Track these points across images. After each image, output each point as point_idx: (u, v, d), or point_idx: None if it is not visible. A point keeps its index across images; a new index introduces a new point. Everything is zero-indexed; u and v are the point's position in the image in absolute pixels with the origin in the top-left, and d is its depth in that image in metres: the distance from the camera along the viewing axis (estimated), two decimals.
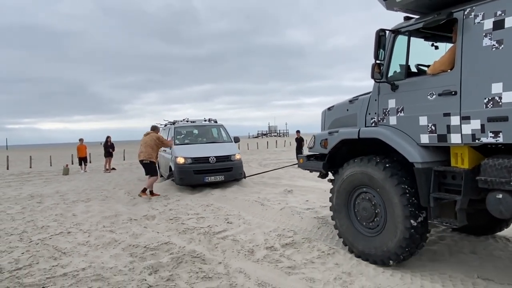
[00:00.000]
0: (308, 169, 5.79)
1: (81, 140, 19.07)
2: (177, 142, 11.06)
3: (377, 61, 4.22)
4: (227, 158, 10.57)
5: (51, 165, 24.40)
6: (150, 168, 9.76)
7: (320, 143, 5.32)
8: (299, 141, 16.83)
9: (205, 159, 10.24)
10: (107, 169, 18.08)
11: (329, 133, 5.15)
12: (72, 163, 23.15)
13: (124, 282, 4.12)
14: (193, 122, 12.34)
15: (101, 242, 5.66)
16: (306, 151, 6.15)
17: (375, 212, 4.39)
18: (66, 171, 17.49)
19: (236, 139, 12.27)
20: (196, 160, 10.17)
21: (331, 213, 6.92)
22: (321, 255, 4.80)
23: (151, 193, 9.67)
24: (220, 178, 10.25)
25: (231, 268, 4.43)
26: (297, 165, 6.05)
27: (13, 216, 7.75)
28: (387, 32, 4.24)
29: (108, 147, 18.32)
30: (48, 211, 8.22)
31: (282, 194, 9.10)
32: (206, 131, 12.31)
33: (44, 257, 5.03)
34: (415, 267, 4.30)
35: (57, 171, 19.13)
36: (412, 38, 4.10)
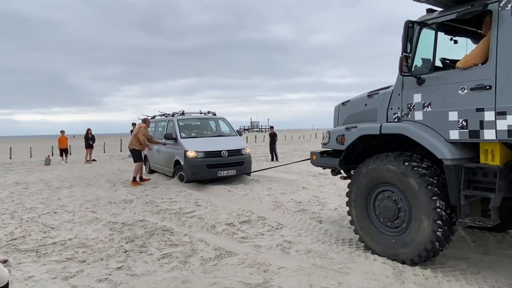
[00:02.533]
0: (321, 166, 5.63)
1: (62, 132, 19.58)
2: (183, 135, 10.61)
3: (405, 54, 4.06)
4: (238, 152, 10.32)
5: (31, 156, 24.78)
6: (133, 154, 10.74)
7: (336, 139, 5.12)
8: (273, 136, 17.88)
9: (218, 153, 9.94)
10: (87, 160, 18.71)
11: (346, 128, 4.96)
12: (53, 155, 23.55)
13: (105, 248, 5.03)
14: (183, 114, 11.78)
15: (84, 220, 6.54)
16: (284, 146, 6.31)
17: (398, 210, 4.24)
18: (47, 162, 18.06)
19: (239, 133, 11.80)
20: (208, 154, 9.85)
21: (288, 198, 7.97)
22: (271, 229, 5.80)
23: (141, 179, 10.71)
24: (232, 172, 10.06)
25: (194, 238, 5.40)
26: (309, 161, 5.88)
27: (2, 200, 8.52)
28: (415, 24, 4.10)
29: (89, 139, 18.94)
30: (34, 195, 9.01)
31: (249, 183, 10.09)
32: (210, 124, 11.87)
33: (35, 231, 5.88)
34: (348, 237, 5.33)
35: (39, 161, 19.67)
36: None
